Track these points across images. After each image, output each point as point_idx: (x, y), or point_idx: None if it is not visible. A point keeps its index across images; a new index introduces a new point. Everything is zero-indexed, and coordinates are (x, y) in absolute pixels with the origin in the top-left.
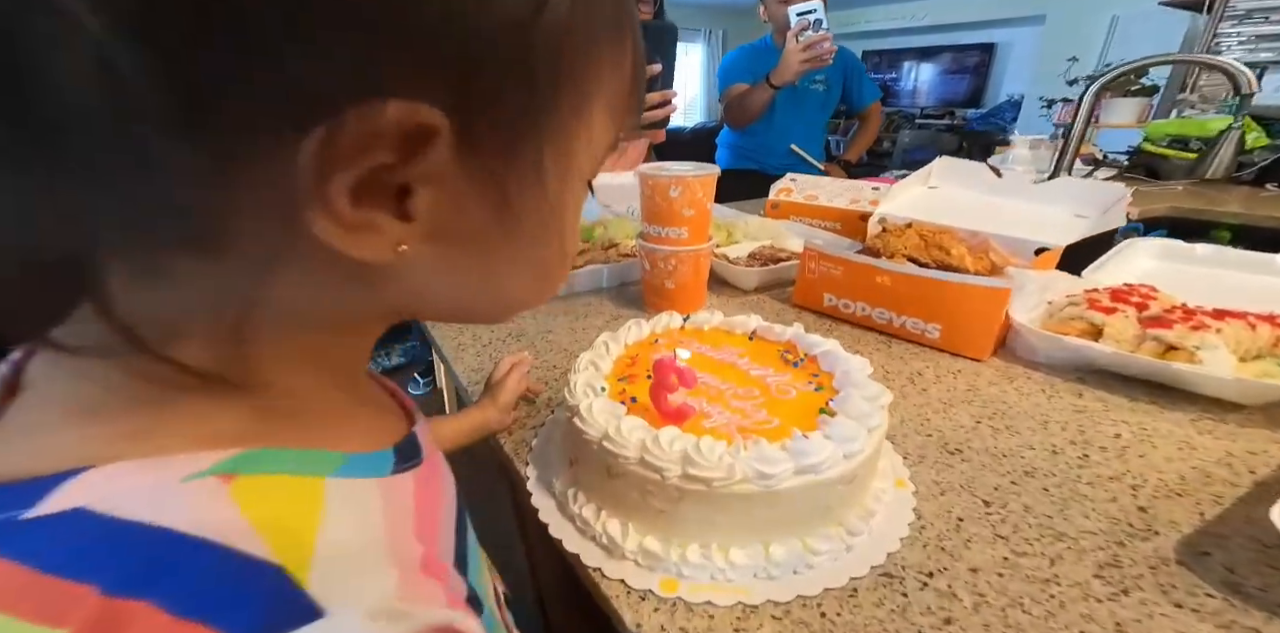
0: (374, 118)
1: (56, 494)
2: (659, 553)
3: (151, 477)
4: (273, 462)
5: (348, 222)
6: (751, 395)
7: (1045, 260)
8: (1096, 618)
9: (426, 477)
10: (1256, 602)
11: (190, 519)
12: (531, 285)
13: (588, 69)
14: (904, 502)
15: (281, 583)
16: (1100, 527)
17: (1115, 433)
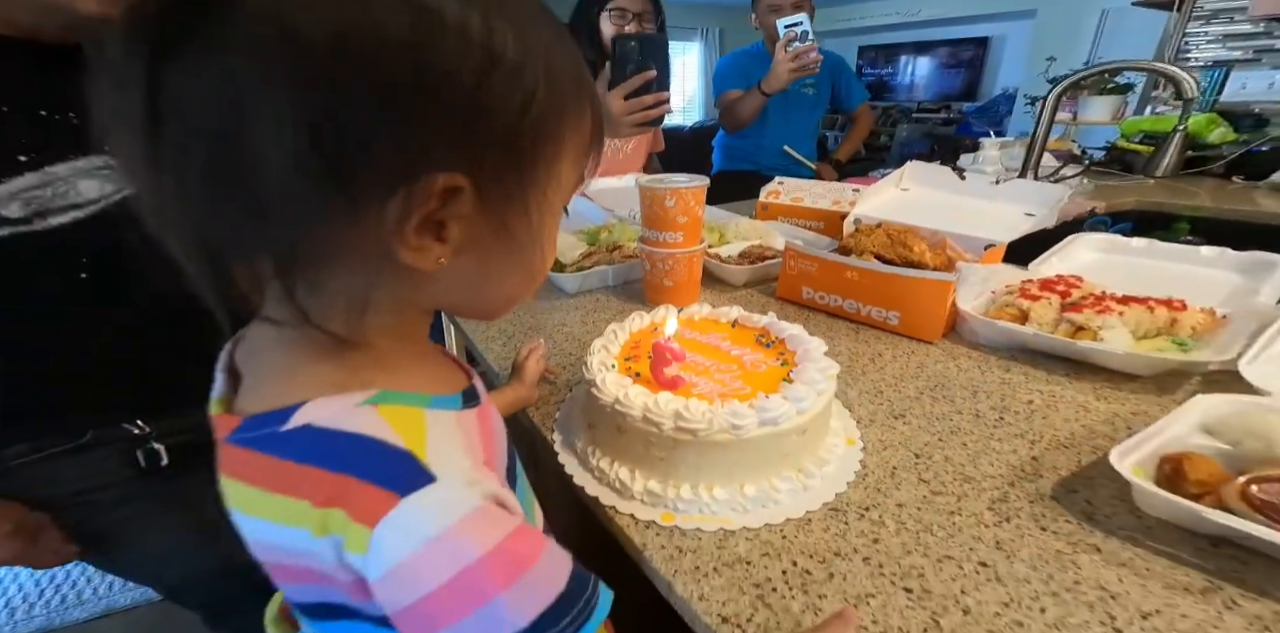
0: (430, 184)
1: (293, 418)
2: (659, 492)
3: (343, 404)
4: (395, 398)
5: (413, 247)
6: (730, 369)
7: (992, 255)
8: (983, 539)
9: (484, 415)
10: (1101, 526)
11: (366, 427)
12: (521, 283)
13: (557, 136)
14: (852, 455)
15: (411, 460)
16: (1000, 472)
17: (1029, 400)
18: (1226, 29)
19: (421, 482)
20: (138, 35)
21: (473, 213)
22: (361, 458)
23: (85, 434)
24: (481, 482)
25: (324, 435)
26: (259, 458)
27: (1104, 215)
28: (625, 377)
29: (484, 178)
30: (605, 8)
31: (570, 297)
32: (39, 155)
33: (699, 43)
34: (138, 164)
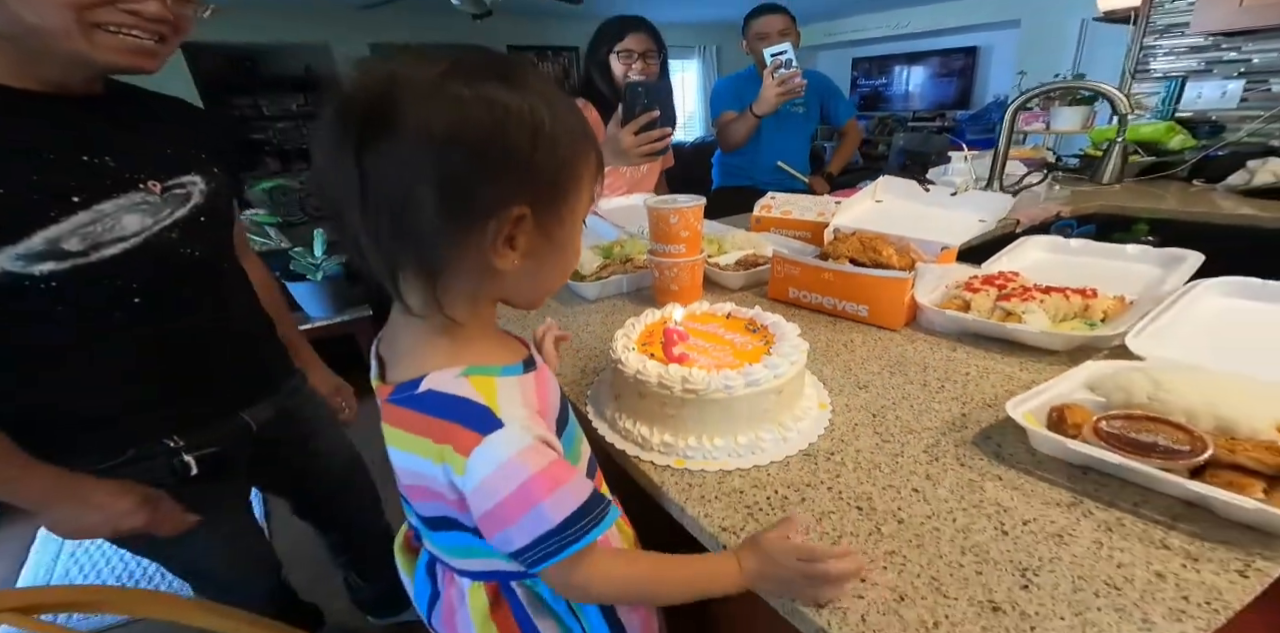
0: (508, 214)
1: (421, 385)
2: (672, 443)
3: (449, 376)
4: (478, 371)
5: (500, 255)
6: (724, 349)
7: (947, 255)
8: (917, 473)
9: (540, 377)
10: (1004, 462)
11: (462, 391)
12: (558, 277)
13: (578, 173)
14: (824, 416)
15: (489, 412)
16: (935, 425)
17: (966, 372)
18: (1179, 42)
19: (495, 426)
20: (350, 134)
21: (532, 229)
22: (461, 411)
23: (127, 452)
24: (533, 427)
25: (439, 396)
26: (403, 412)
27: (1070, 219)
28: (643, 355)
29: (538, 206)
30: (614, 49)
31: (591, 302)
32: (88, 195)
33: (697, 60)
34: (354, 220)
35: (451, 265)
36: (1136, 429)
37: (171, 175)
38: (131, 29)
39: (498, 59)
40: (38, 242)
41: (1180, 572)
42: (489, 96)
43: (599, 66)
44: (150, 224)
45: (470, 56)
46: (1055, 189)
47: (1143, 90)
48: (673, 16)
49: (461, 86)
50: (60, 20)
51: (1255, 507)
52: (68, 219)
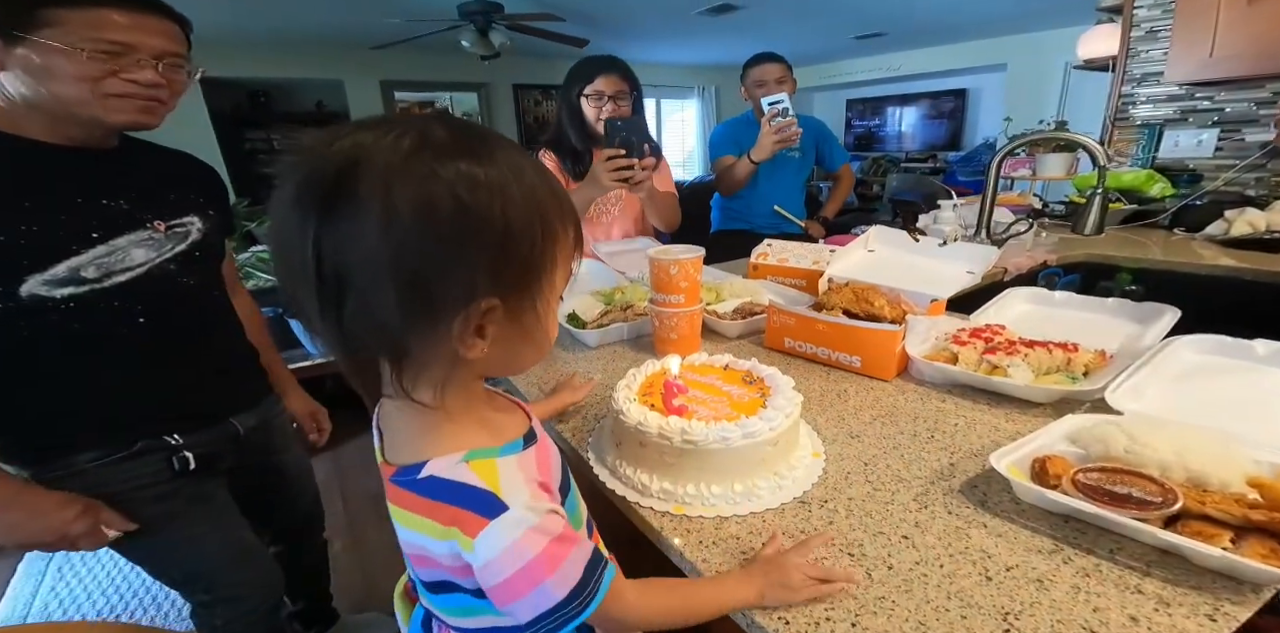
0: (476, 307)
1: (423, 470)
2: (671, 490)
3: (450, 462)
4: (478, 455)
5: (469, 346)
6: (722, 401)
7: (936, 307)
8: (906, 520)
9: (542, 448)
10: (990, 510)
11: (465, 477)
12: (534, 354)
13: (552, 256)
14: (817, 465)
15: (493, 496)
16: (924, 475)
17: (955, 422)
18: (1156, 91)
19: (500, 509)
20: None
21: (502, 319)
22: (465, 496)
23: (137, 444)
24: (536, 506)
25: (443, 483)
26: (407, 494)
27: (1056, 267)
28: (644, 407)
29: (510, 295)
30: (584, 92)
31: (592, 349)
32: (105, 232)
33: (696, 100)
34: (308, 303)
35: (414, 355)
36: (1113, 481)
37: (174, 216)
38: (134, 96)
39: (466, 132)
40: (61, 270)
41: (1153, 616)
42: (457, 177)
43: (569, 110)
44: (154, 257)
45: (439, 129)
46: (1042, 236)
47: (1124, 137)
48: (673, 58)
49: (429, 165)
50: (78, 92)
51: (1221, 555)
52: (88, 251)
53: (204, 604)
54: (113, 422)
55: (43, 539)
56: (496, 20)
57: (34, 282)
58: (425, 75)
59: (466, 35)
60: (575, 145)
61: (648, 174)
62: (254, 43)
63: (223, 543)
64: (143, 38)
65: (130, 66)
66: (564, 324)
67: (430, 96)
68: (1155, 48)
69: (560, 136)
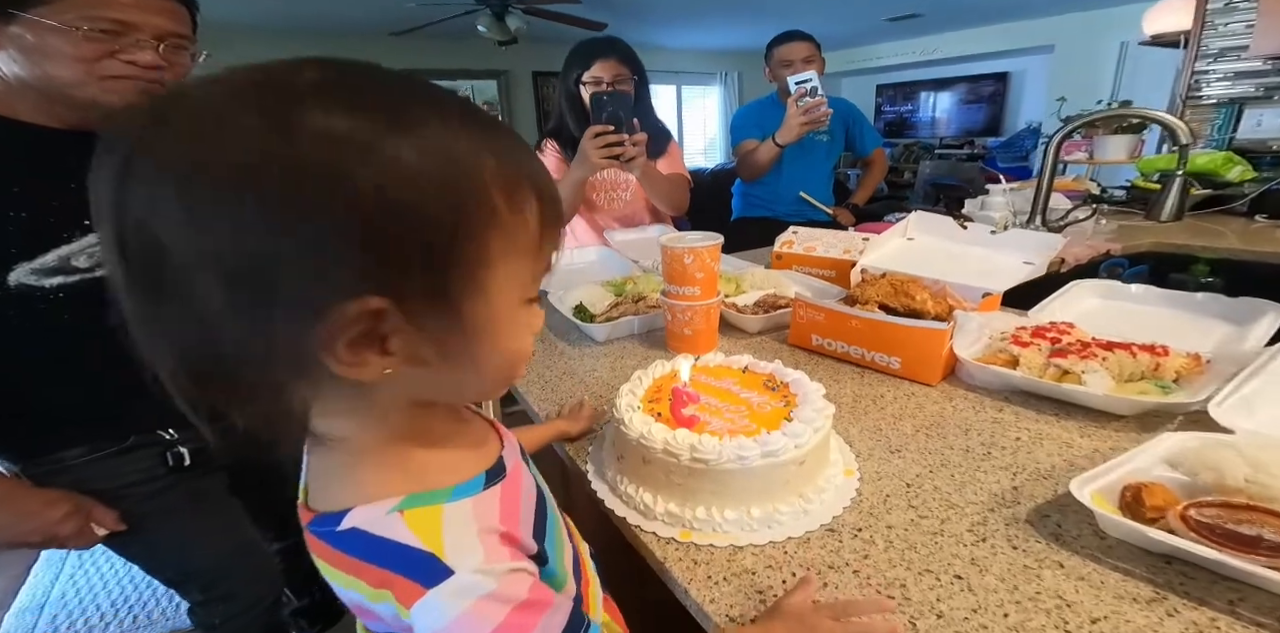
0: (343, 310)
1: (344, 521)
2: (678, 514)
3: (378, 511)
4: (417, 501)
5: (346, 362)
6: (740, 410)
7: (989, 303)
8: (960, 556)
9: (510, 486)
10: (1067, 545)
11: (396, 534)
12: (489, 380)
13: (479, 243)
14: (850, 484)
15: (432, 560)
16: (981, 499)
17: (1016, 437)
18: (1235, 66)
19: (441, 577)
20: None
21: (409, 325)
22: (396, 558)
23: (129, 439)
24: (492, 567)
25: (366, 538)
26: (327, 549)
27: (1120, 257)
28: (649, 416)
29: (409, 297)
30: (581, 78)
31: (600, 344)
32: None
33: (719, 86)
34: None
35: (278, 377)
36: (1236, 519)
37: None
38: (133, 78)
39: (354, 75)
40: (51, 259)
41: None
42: (308, 130)
43: (568, 97)
44: None
45: (309, 71)
46: (1102, 224)
47: (1197, 118)
48: (695, 42)
49: (268, 111)
50: (74, 73)
51: None
52: (80, 240)
53: (200, 603)
54: (104, 416)
55: (29, 540)
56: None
57: (22, 271)
58: (446, 64)
59: (483, 20)
60: (575, 135)
61: (639, 150)
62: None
63: (217, 541)
64: (144, 17)
65: (129, 47)
66: (570, 317)
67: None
68: (1235, 20)
69: (561, 125)
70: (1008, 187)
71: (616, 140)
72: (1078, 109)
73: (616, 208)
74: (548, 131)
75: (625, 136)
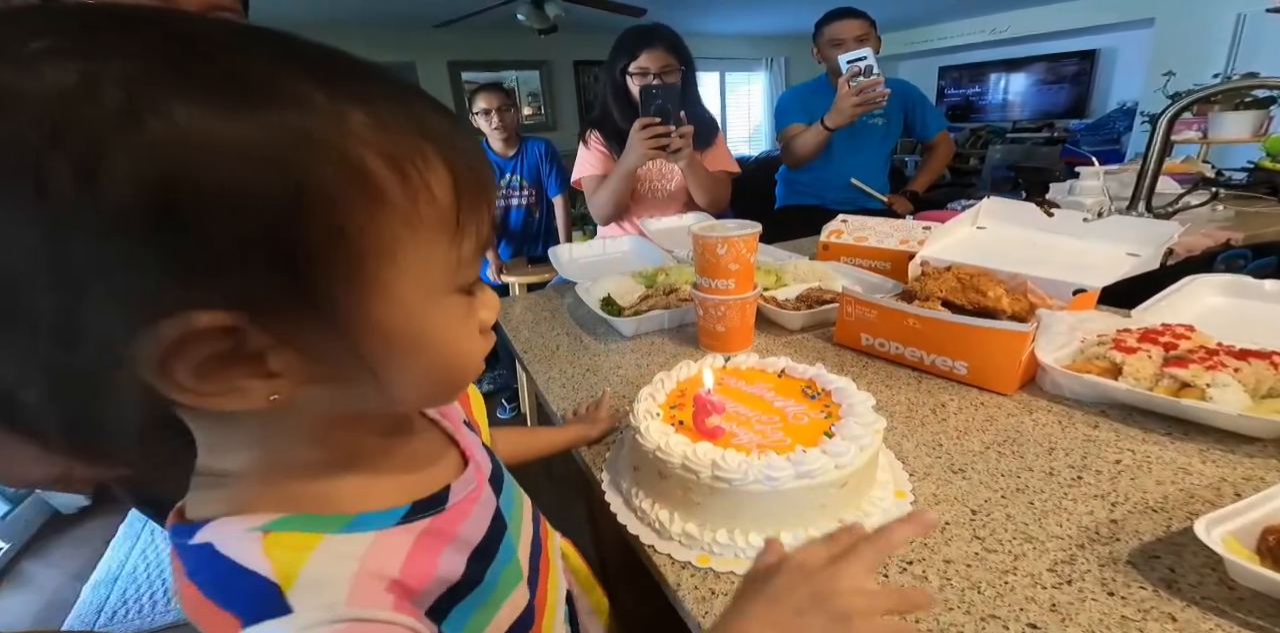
0: (162, 334)
1: (201, 532)
2: (696, 535)
3: (234, 529)
4: (294, 524)
5: (203, 392)
6: (773, 421)
7: (1083, 301)
8: (1036, 600)
9: (444, 522)
10: (1182, 594)
11: (242, 556)
12: (427, 390)
13: (366, 231)
14: (900, 509)
15: (273, 591)
16: (1069, 533)
17: (1116, 459)
18: None
19: (272, 614)
20: None
21: (291, 338)
22: (227, 585)
23: None
24: (347, 612)
25: (212, 558)
26: (176, 563)
27: (1242, 248)
28: (668, 425)
29: (267, 305)
30: (628, 69)
31: (627, 339)
32: None
33: (764, 72)
34: None
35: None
36: None
37: None
38: None
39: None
40: None
41: None
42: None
43: (614, 88)
44: None
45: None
46: (1219, 210)
47: None
48: (738, 27)
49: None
50: None
51: None
52: None
53: None
54: None
55: None
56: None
57: None
58: (490, 55)
59: (522, 8)
60: (621, 126)
61: (685, 141)
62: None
63: None
64: None
65: None
66: (596, 310)
67: (497, 76)
68: None
69: (605, 116)
70: (1102, 169)
71: (664, 131)
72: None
73: (661, 199)
74: (591, 121)
75: (672, 128)
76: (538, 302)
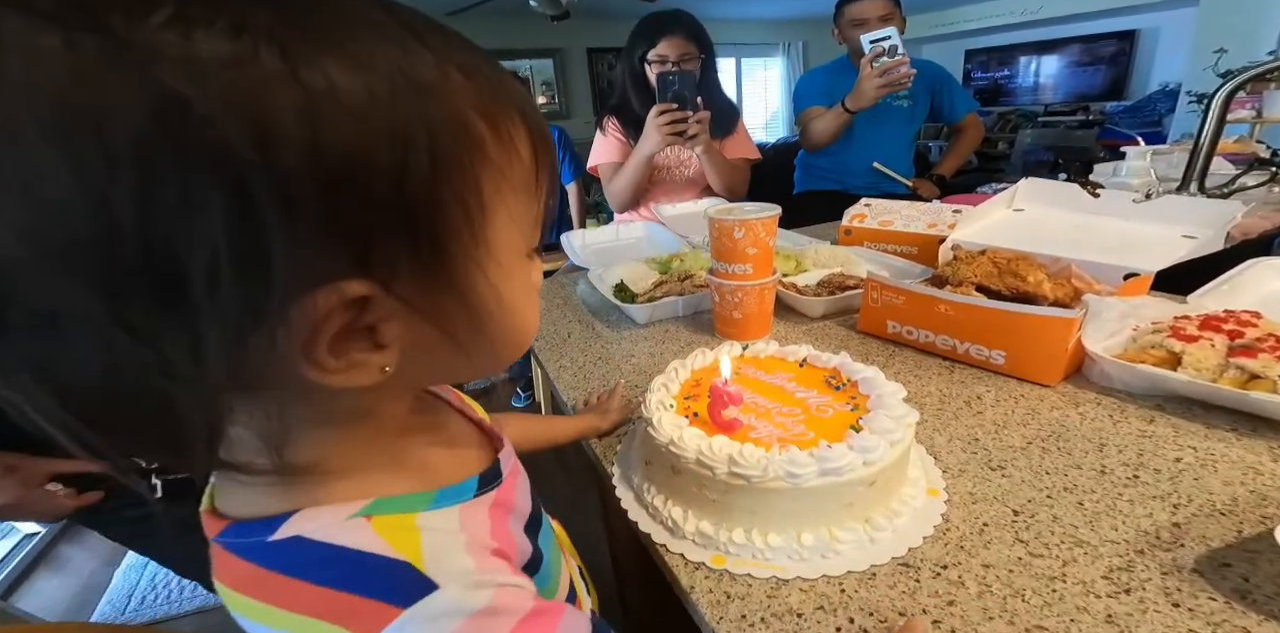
0: (315, 306)
1: (284, 527)
2: (711, 534)
3: (330, 516)
4: (388, 506)
5: (334, 369)
6: (794, 413)
7: (1135, 286)
8: (1090, 610)
9: (504, 494)
10: (1258, 607)
11: (360, 541)
12: (501, 352)
13: (475, 185)
14: (933, 508)
15: (409, 569)
16: (1126, 537)
17: (1176, 457)
18: None
19: (421, 592)
20: None
21: (403, 308)
22: (359, 574)
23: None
24: (485, 582)
25: (317, 549)
26: (248, 566)
27: None
28: (682, 417)
29: (387, 274)
30: (647, 56)
31: (640, 327)
32: None
33: (781, 57)
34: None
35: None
36: None
37: None
38: None
39: None
40: None
41: None
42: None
43: (632, 75)
44: None
45: None
46: (1275, 191)
47: None
48: (755, 12)
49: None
50: None
51: None
52: None
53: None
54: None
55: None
56: None
57: None
58: (504, 43)
59: None
60: (638, 113)
61: (701, 127)
62: None
63: None
64: None
65: None
66: (609, 297)
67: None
68: None
69: (624, 103)
70: (1150, 149)
71: (680, 118)
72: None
73: (679, 185)
74: (609, 108)
75: (689, 114)
76: (549, 288)
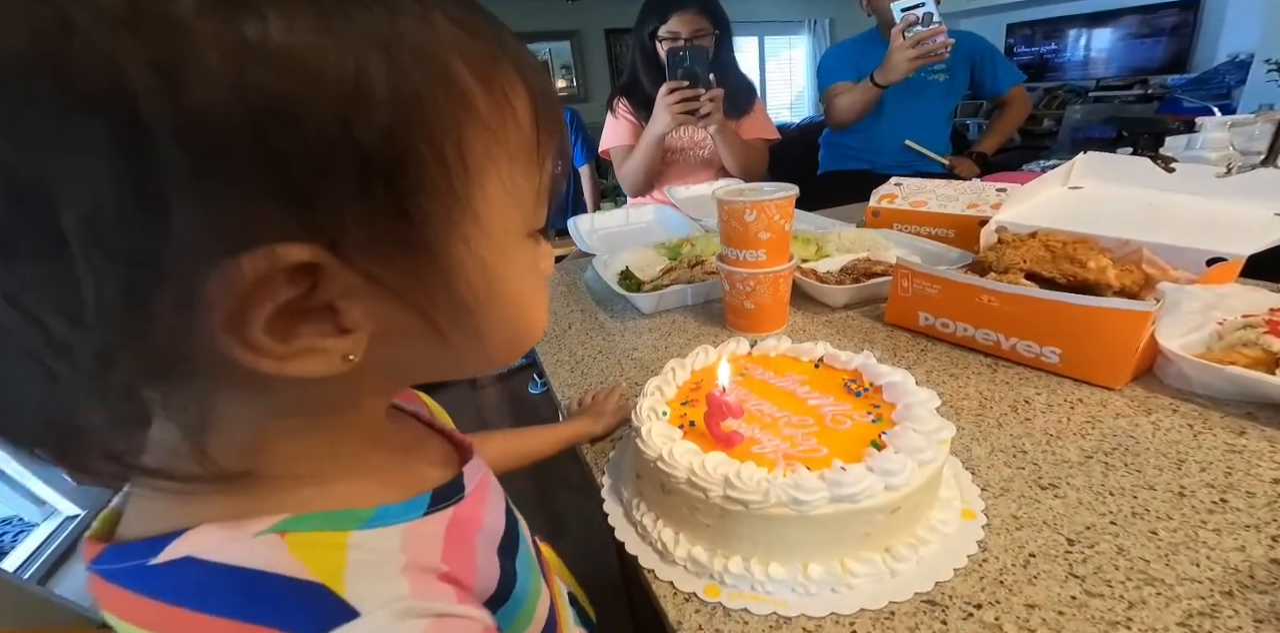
0: (239, 272)
1: (167, 548)
2: (704, 562)
3: (230, 534)
4: (310, 523)
5: (277, 353)
6: (805, 424)
7: (1220, 273)
8: None
9: (466, 510)
10: None
11: (259, 560)
12: (490, 349)
13: (460, 143)
14: (968, 534)
15: (323, 592)
16: (1210, 575)
17: (1275, 478)
18: None
19: (338, 619)
20: None
21: (368, 282)
22: (261, 599)
23: None
24: (420, 610)
25: (210, 571)
26: (127, 594)
27: None
28: (675, 427)
29: (352, 235)
30: (657, 33)
31: (645, 317)
32: None
33: (806, 35)
34: None
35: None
36: None
37: None
38: None
39: None
40: None
41: None
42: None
43: (643, 52)
44: None
45: None
46: None
47: None
48: None
49: None
50: None
51: None
52: None
53: None
54: None
55: None
56: None
57: None
58: (520, 26)
59: None
60: (649, 93)
61: (715, 105)
62: None
63: None
64: None
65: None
66: (613, 285)
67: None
68: None
69: (634, 82)
70: (1229, 119)
71: (692, 96)
72: None
73: (694, 167)
74: (619, 88)
75: (701, 92)
76: (554, 275)
